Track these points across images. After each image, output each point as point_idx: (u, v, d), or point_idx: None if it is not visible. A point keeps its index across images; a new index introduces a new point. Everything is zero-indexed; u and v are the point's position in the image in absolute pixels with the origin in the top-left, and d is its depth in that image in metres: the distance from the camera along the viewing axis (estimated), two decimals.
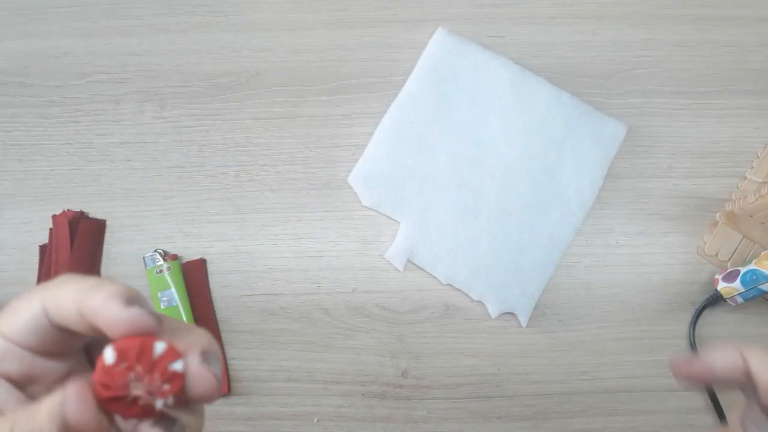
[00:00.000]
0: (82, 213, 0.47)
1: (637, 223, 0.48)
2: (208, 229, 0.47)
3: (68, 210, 0.47)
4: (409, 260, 0.47)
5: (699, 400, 0.45)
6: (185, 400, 0.18)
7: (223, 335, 0.46)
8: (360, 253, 0.47)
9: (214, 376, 0.18)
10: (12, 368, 0.19)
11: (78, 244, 0.45)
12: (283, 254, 0.47)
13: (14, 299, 0.20)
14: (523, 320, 0.45)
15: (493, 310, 0.46)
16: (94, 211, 0.48)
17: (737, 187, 0.48)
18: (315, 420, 0.44)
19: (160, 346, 0.17)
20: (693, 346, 0.45)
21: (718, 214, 0.47)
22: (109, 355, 0.17)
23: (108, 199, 0.48)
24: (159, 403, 0.17)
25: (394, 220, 0.47)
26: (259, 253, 0.47)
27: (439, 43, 0.49)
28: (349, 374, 0.45)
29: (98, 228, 0.47)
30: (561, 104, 0.48)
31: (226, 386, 0.44)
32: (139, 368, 0.17)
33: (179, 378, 0.17)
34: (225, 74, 0.50)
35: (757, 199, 0.43)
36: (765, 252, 0.43)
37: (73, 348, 0.21)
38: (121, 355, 0.17)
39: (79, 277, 0.20)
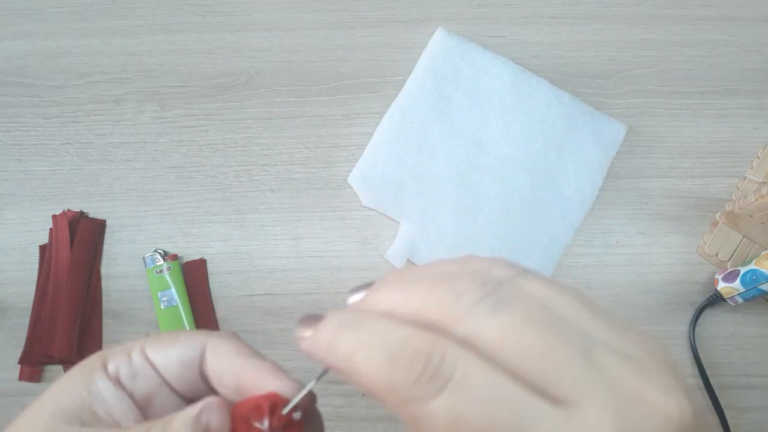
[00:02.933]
0: (82, 213, 0.47)
1: (637, 223, 0.48)
2: (208, 229, 0.47)
3: (68, 210, 0.47)
4: (409, 260, 0.47)
5: (699, 400, 0.45)
6: None
7: None
8: (360, 253, 0.47)
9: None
10: (141, 388, 0.20)
11: (78, 244, 0.45)
12: (283, 254, 0.47)
13: (170, 332, 0.20)
14: None
15: None
16: (94, 211, 0.48)
17: (737, 187, 0.48)
18: None
19: (298, 415, 0.19)
20: (693, 346, 0.45)
21: (718, 214, 0.47)
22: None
23: (108, 199, 0.48)
24: None
25: (394, 220, 0.47)
26: (259, 253, 0.47)
27: (439, 43, 0.49)
28: None
29: (98, 228, 0.47)
30: (561, 104, 0.48)
31: None
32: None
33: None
34: (225, 74, 0.50)
35: (757, 199, 0.43)
36: (765, 252, 0.43)
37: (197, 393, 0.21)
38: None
39: (237, 341, 0.21)
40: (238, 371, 0.20)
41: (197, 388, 0.21)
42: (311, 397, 0.20)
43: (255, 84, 0.50)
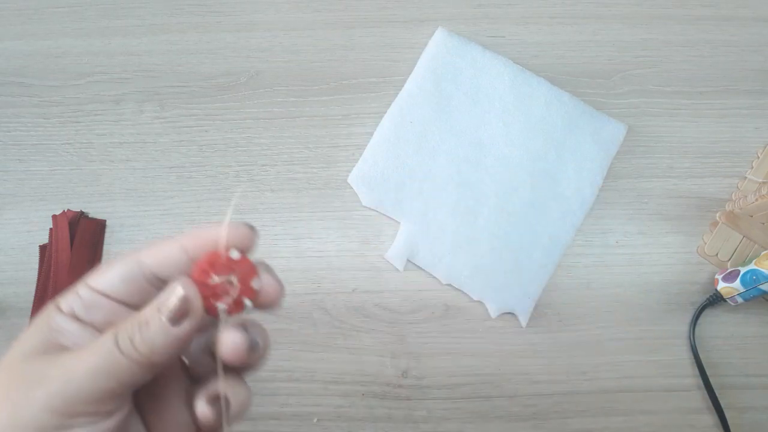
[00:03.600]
0: (82, 213, 0.47)
1: (637, 223, 0.48)
2: None
3: (68, 210, 0.47)
4: (409, 260, 0.47)
5: (699, 400, 0.45)
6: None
7: None
8: (360, 253, 0.47)
9: (279, 288, 0.22)
10: (97, 317, 0.21)
11: (78, 244, 0.45)
12: (283, 254, 0.47)
13: (106, 262, 0.22)
14: (523, 320, 0.45)
15: (493, 310, 0.46)
16: (94, 211, 0.48)
17: (737, 187, 0.48)
18: (315, 420, 0.44)
19: (235, 253, 0.20)
20: (693, 346, 0.45)
21: (718, 214, 0.47)
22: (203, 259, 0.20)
23: (108, 199, 0.48)
24: (247, 302, 0.20)
25: (394, 220, 0.47)
26: (259, 254, 0.47)
27: (439, 43, 0.49)
28: (349, 374, 0.45)
29: (98, 228, 0.47)
30: (561, 104, 0.48)
31: None
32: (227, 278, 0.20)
33: (256, 292, 0.21)
34: (225, 74, 0.50)
35: (757, 199, 0.43)
36: (765, 252, 0.43)
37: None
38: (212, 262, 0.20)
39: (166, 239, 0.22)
40: (182, 249, 0.21)
41: (151, 293, 0.22)
42: (249, 235, 0.21)
43: (255, 84, 0.50)
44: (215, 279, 0.20)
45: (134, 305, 0.21)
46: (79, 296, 0.21)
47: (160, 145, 0.49)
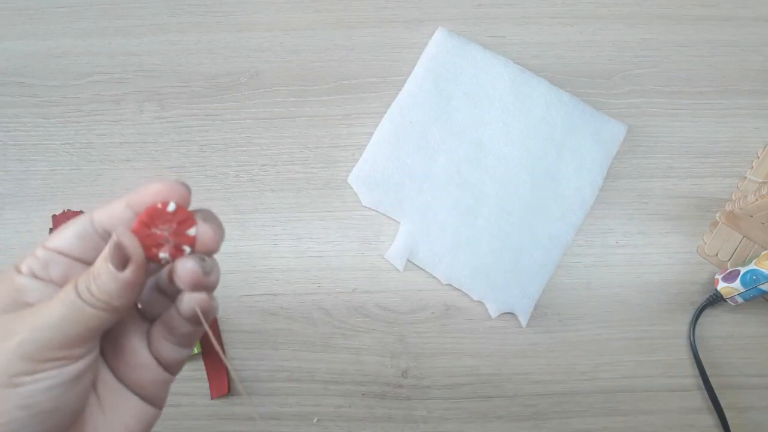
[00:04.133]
0: (82, 213, 0.47)
1: (637, 223, 0.48)
2: None
3: (68, 210, 0.47)
4: (409, 260, 0.47)
5: (699, 400, 0.45)
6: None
7: (223, 335, 0.46)
8: (360, 253, 0.47)
9: (215, 234, 0.23)
10: (55, 273, 0.22)
11: None
12: (283, 254, 0.47)
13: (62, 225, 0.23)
14: (523, 320, 0.46)
15: (493, 310, 0.46)
16: None
17: (737, 187, 0.48)
18: (315, 420, 0.44)
19: (172, 205, 0.22)
20: (693, 346, 0.45)
21: (718, 214, 0.47)
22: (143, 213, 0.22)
23: (108, 199, 0.48)
24: (186, 249, 0.22)
25: (394, 220, 0.47)
26: (259, 253, 0.47)
27: (439, 43, 0.49)
28: (349, 374, 0.45)
29: None
30: (561, 104, 0.48)
31: (225, 386, 0.44)
32: (166, 226, 0.22)
33: (193, 238, 0.23)
34: (225, 74, 0.50)
35: (757, 199, 0.43)
36: (765, 252, 0.43)
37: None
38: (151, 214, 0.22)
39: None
40: (127, 205, 0.23)
41: (100, 246, 0.23)
42: (183, 190, 0.23)
43: (255, 84, 0.50)
44: (154, 230, 0.22)
45: (90, 260, 0.23)
46: (36, 257, 0.22)
47: (160, 145, 0.49)
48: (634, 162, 0.49)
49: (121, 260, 0.21)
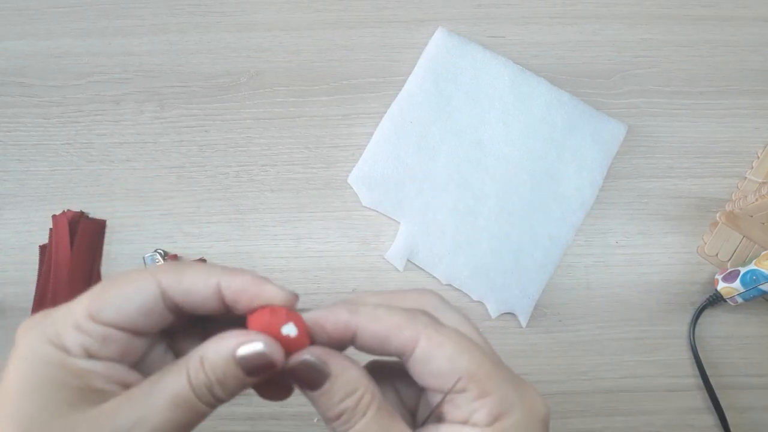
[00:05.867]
0: (82, 213, 0.47)
1: (637, 223, 0.48)
2: (208, 229, 0.47)
3: (68, 210, 0.47)
4: (409, 260, 0.47)
5: (699, 400, 0.45)
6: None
7: None
8: (360, 253, 0.47)
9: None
10: (113, 350, 0.20)
11: (78, 244, 0.45)
12: (283, 254, 0.47)
13: (107, 284, 0.20)
14: (523, 320, 0.45)
15: (493, 311, 0.46)
16: (94, 211, 0.48)
17: (737, 187, 0.48)
18: (315, 420, 0.44)
19: (292, 330, 0.21)
20: (693, 346, 0.45)
21: (718, 214, 0.47)
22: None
23: (108, 199, 0.48)
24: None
25: (394, 220, 0.47)
26: (259, 254, 0.47)
27: (439, 43, 0.49)
28: None
29: (98, 228, 0.47)
30: (561, 104, 0.48)
31: None
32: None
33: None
34: (225, 74, 0.50)
35: (757, 199, 0.43)
36: (765, 252, 0.43)
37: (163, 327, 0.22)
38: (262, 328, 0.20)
39: (190, 263, 0.21)
40: (216, 289, 0.20)
41: (166, 321, 0.21)
42: (293, 301, 0.21)
43: (255, 84, 0.50)
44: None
45: (149, 330, 0.21)
46: (86, 332, 0.19)
47: (160, 145, 0.49)
48: (634, 162, 0.49)
49: (257, 370, 0.19)
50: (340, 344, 0.22)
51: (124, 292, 0.20)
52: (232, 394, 0.20)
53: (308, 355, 0.20)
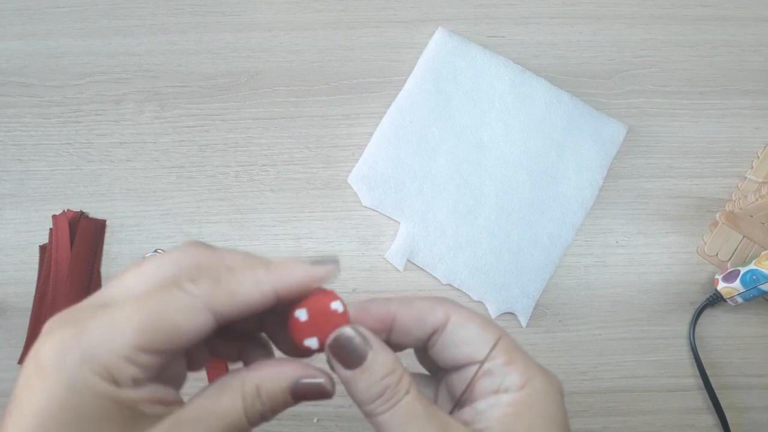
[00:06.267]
0: (82, 213, 0.47)
1: (637, 223, 0.48)
2: (208, 229, 0.47)
3: (68, 210, 0.47)
4: (409, 260, 0.47)
5: (699, 400, 0.45)
6: None
7: None
8: (360, 253, 0.47)
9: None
10: (156, 373, 0.19)
11: (78, 244, 0.45)
12: (283, 254, 0.47)
13: (153, 312, 0.19)
14: (523, 320, 0.45)
15: (493, 310, 0.46)
16: (94, 211, 0.48)
17: (737, 187, 0.48)
18: (315, 420, 0.44)
19: (340, 307, 0.22)
20: (693, 346, 0.45)
21: (718, 214, 0.47)
22: (302, 314, 0.22)
23: (108, 199, 0.48)
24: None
25: (394, 220, 0.47)
26: (259, 253, 0.47)
27: (439, 43, 0.49)
28: None
29: (98, 228, 0.47)
30: (561, 104, 0.48)
31: None
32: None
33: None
34: (225, 74, 0.50)
35: (757, 199, 0.43)
36: (765, 252, 0.43)
37: None
38: (312, 314, 0.22)
39: (228, 278, 0.21)
40: (269, 288, 0.21)
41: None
42: (334, 270, 0.22)
43: (255, 84, 0.50)
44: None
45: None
46: (135, 364, 0.18)
47: (160, 145, 0.49)
48: (634, 162, 0.49)
49: (309, 398, 0.21)
50: (379, 333, 0.23)
51: (175, 322, 0.19)
52: (277, 413, 0.21)
53: (349, 329, 0.21)
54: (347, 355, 0.21)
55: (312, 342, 0.22)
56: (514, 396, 0.21)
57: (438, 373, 0.25)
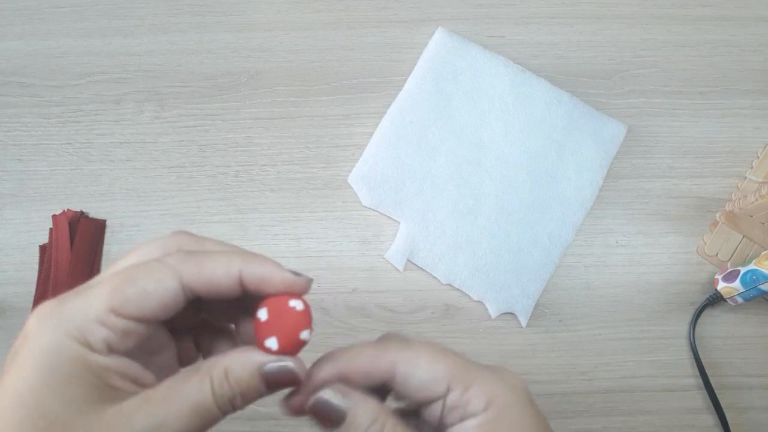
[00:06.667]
0: (82, 213, 0.47)
1: (637, 223, 0.48)
2: (208, 229, 0.47)
3: (68, 210, 0.47)
4: (409, 260, 0.47)
5: (699, 400, 0.45)
6: None
7: None
8: (360, 253, 0.47)
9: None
10: (132, 343, 0.20)
11: (78, 244, 0.45)
12: (283, 254, 0.47)
13: (126, 277, 0.20)
14: (523, 320, 0.45)
15: (493, 310, 0.46)
16: (94, 211, 0.48)
17: (737, 187, 0.48)
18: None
19: (299, 305, 0.22)
20: (693, 346, 0.45)
21: (718, 214, 0.47)
22: (263, 313, 0.22)
23: (108, 199, 0.48)
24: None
25: (394, 220, 0.47)
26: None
27: (439, 43, 0.49)
28: None
29: (98, 228, 0.47)
30: (561, 104, 0.48)
31: None
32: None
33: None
34: (225, 74, 0.50)
35: (757, 199, 0.43)
36: (765, 252, 0.43)
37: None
38: (271, 313, 0.22)
39: (208, 251, 0.22)
40: (236, 278, 0.21)
41: (181, 308, 0.21)
42: (306, 287, 0.23)
43: (255, 84, 0.50)
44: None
45: (164, 320, 0.21)
46: (109, 327, 0.19)
47: (160, 145, 0.49)
48: (634, 162, 0.49)
49: (280, 384, 0.21)
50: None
51: (145, 286, 0.20)
52: (247, 404, 0.21)
53: (327, 391, 0.21)
54: (329, 416, 0.21)
55: (272, 342, 0.21)
56: (479, 419, 0.22)
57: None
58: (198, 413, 0.19)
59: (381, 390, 0.23)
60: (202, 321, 0.25)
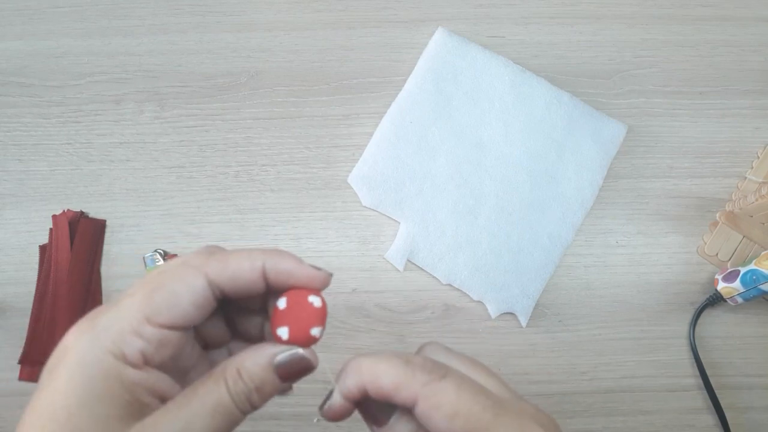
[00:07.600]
0: (82, 213, 0.47)
1: (637, 223, 0.48)
2: (208, 229, 0.47)
3: (68, 210, 0.47)
4: (409, 260, 0.47)
5: (699, 400, 0.45)
6: None
7: None
8: (360, 253, 0.47)
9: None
10: (167, 353, 0.20)
11: (78, 244, 0.45)
12: None
13: (155, 284, 0.20)
14: (523, 320, 0.45)
15: (493, 310, 0.46)
16: (94, 211, 0.48)
17: (737, 187, 0.48)
18: (315, 420, 0.44)
19: (317, 302, 0.22)
20: (693, 346, 0.45)
21: (718, 214, 0.47)
22: (282, 302, 0.22)
23: (108, 199, 0.48)
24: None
25: (394, 220, 0.47)
26: None
27: (439, 43, 0.49)
28: None
29: (98, 228, 0.47)
30: (561, 104, 0.48)
31: None
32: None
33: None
34: (225, 74, 0.50)
35: (757, 199, 0.43)
36: (765, 252, 0.43)
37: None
38: (289, 303, 0.22)
39: (221, 250, 0.22)
40: (260, 273, 0.21)
41: (211, 309, 0.22)
42: (327, 281, 0.23)
43: (255, 84, 0.50)
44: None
45: (197, 324, 0.21)
46: (145, 337, 0.19)
47: (160, 145, 0.49)
48: (634, 162, 0.49)
49: (295, 374, 0.21)
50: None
51: (174, 288, 0.20)
52: (266, 400, 0.21)
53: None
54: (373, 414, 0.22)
55: (283, 331, 0.22)
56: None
57: None
58: (218, 413, 0.20)
59: None
60: (235, 337, 0.25)
